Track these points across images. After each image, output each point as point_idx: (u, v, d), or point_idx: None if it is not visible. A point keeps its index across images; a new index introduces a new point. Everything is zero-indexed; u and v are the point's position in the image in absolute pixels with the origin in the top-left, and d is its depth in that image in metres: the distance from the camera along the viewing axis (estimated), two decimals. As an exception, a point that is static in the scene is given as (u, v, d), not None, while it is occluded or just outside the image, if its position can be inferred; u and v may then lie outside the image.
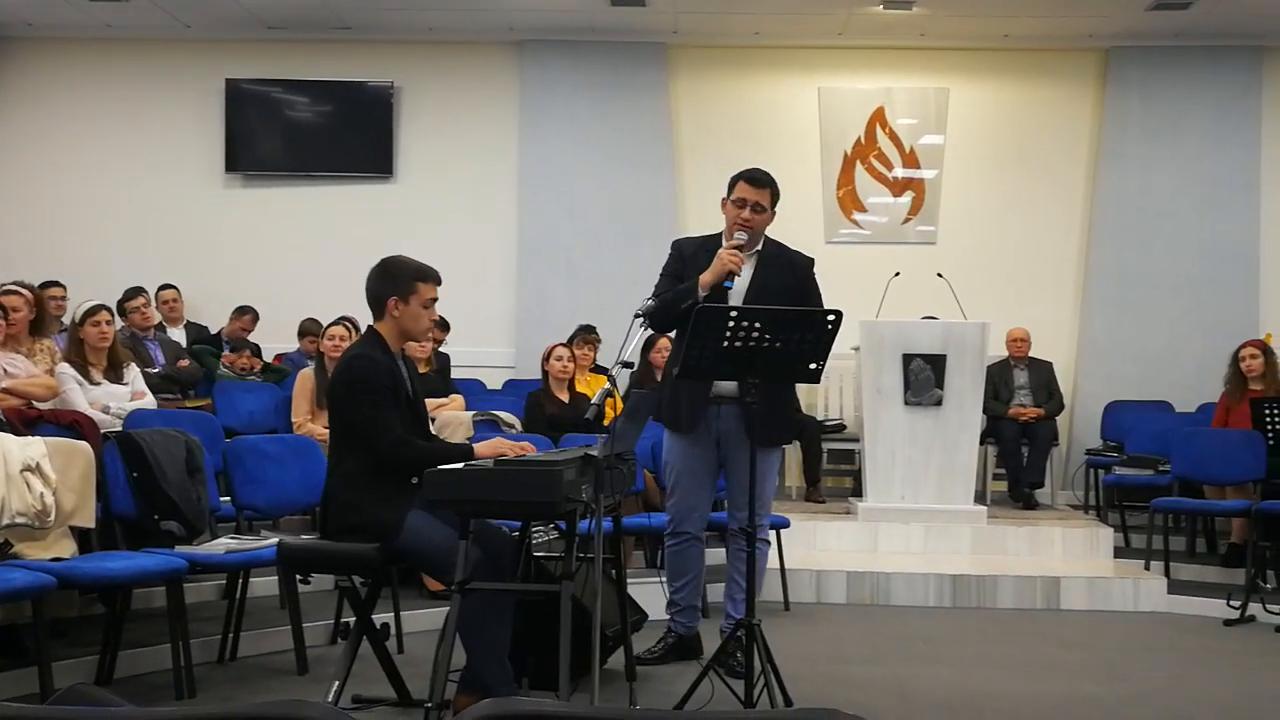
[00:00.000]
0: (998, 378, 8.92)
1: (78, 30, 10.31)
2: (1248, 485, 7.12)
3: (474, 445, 4.07)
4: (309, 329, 8.85)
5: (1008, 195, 10.24)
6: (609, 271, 9.82)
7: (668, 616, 5.12)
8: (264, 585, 5.73)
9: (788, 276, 4.84)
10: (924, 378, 7.60)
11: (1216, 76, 10.04)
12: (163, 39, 10.36)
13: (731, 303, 4.57)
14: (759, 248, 4.85)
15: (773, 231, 4.95)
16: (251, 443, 5.63)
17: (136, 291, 8.15)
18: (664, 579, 5.11)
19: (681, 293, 4.61)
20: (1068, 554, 7.51)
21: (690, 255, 4.87)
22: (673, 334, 5.09)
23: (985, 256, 10.02)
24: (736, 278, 4.64)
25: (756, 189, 4.78)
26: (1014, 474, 8.84)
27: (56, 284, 8.27)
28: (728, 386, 4.70)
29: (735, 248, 4.66)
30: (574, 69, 10.22)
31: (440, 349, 8.51)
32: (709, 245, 4.85)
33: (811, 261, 4.95)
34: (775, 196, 4.83)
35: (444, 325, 8.73)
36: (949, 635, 5.95)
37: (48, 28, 10.30)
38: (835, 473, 9.57)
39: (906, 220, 10.30)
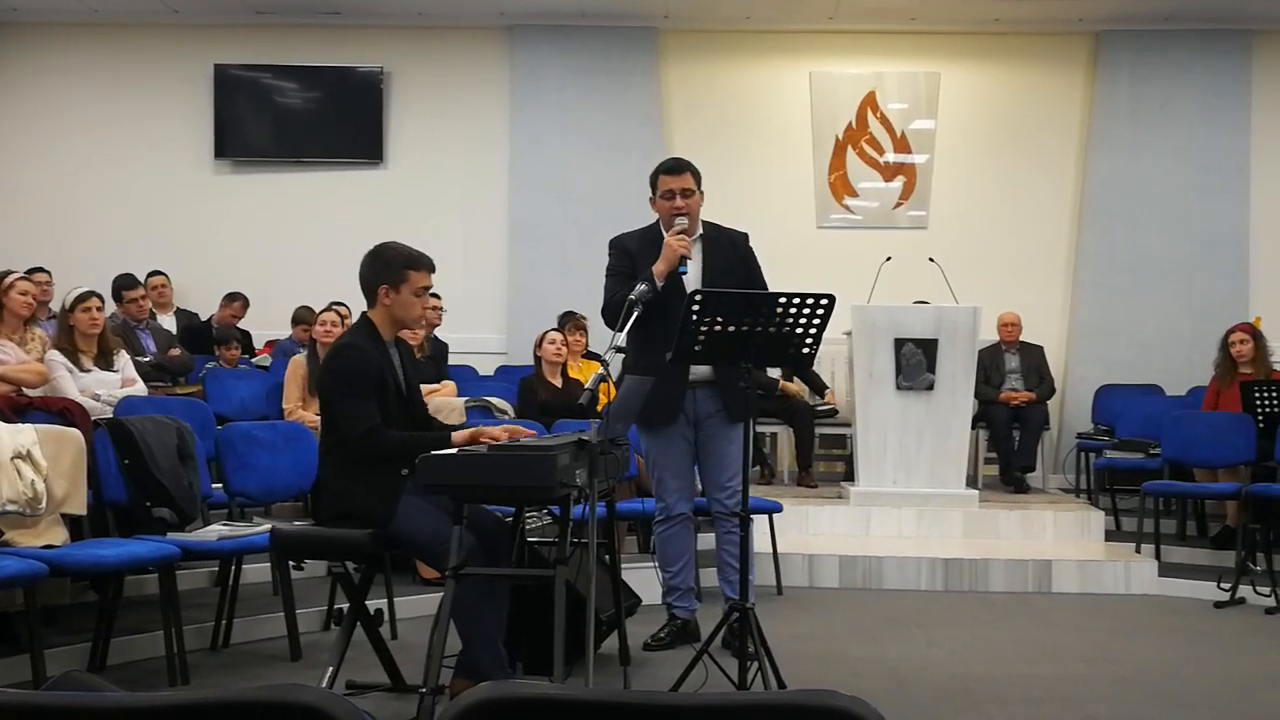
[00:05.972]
0: (989, 362, 8.94)
1: (64, 15, 10.25)
2: (1238, 468, 7.14)
3: (452, 433, 4.00)
4: (303, 317, 8.79)
5: (999, 180, 10.24)
6: (600, 257, 9.69)
7: (665, 604, 5.12)
8: (257, 572, 5.72)
9: (732, 256, 4.93)
10: (915, 362, 7.61)
11: (1206, 60, 10.03)
12: (150, 24, 10.31)
13: (689, 288, 4.60)
14: (700, 231, 4.91)
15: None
16: (243, 429, 5.62)
17: (135, 282, 8.10)
18: (658, 566, 5.09)
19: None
20: (1059, 537, 7.53)
21: (636, 250, 4.92)
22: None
23: (976, 241, 10.02)
24: (689, 262, 4.70)
25: (678, 176, 4.85)
26: (1005, 458, 8.85)
27: (41, 270, 8.23)
28: (702, 370, 4.75)
29: (679, 233, 4.69)
30: (564, 54, 10.18)
31: (437, 335, 8.48)
32: (650, 237, 4.94)
33: (747, 236, 5.04)
34: (697, 177, 4.89)
35: None
36: (941, 619, 5.97)
37: (34, 12, 10.23)
38: (827, 457, 9.59)
39: (898, 205, 10.30)
